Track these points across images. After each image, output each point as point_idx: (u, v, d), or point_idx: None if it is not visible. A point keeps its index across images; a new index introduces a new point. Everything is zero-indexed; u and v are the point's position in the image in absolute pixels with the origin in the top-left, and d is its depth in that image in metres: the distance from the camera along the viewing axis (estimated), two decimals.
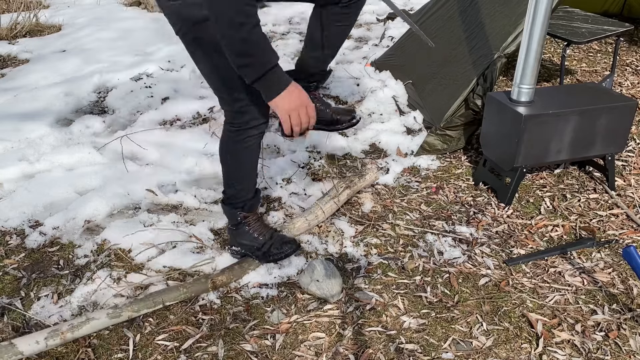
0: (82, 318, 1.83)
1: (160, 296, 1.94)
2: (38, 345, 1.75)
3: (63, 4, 5.99)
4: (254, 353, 1.79)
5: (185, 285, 1.99)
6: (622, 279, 2.08)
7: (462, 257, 2.20)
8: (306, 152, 2.91)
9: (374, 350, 1.79)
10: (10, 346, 1.72)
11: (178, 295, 1.97)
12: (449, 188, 2.66)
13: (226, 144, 1.96)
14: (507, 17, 2.91)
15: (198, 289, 2.00)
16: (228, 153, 1.98)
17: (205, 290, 2.01)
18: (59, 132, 3.09)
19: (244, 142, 1.91)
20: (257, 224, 2.11)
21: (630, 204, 2.51)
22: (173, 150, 2.89)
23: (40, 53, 4.38)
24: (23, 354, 1.73)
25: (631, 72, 3.88)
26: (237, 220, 2.08)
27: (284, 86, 1.60)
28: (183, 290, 1.97)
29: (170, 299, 1.96)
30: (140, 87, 3.66)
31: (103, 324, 1.85)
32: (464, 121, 2.86)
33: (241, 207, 2.06)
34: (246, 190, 2.05)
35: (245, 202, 2.05)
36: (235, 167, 2.01)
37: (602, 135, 2.46)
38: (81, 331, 1.81)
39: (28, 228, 2.36)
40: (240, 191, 2.04)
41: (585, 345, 1.80)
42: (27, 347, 1.74)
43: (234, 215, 2.08)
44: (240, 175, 2.02)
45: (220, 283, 2.02)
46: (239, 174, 2.02)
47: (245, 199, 2.05)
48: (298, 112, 1.63)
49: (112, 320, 1.86)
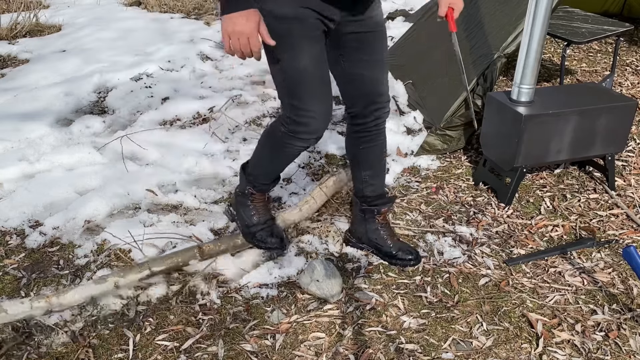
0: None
1: (147, 264, 1.99)
2: (22, 305, 1.81)
3: (63, 4, 6.00)
4: (254, 353, 1.79)
5: (175, 254, 2.04)
6: (622, 279, 2.08)
7: (462, 257, 2.20)
8: (306, 152, 2.91)
9: (374, 350, 1.79)
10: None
11: (167, 263, 2.02)
12: (449, 188, 2.66)
13: (272, 134, 1.96)
14: (507, 17, 2.91)
15: (186, 257, 2.06)
16: (267, 143, 2.01)
17: (193, 257, 2.06)
18: (59, 132, 3.09)
19: (287, 145, 1.91)
20: (260, 205, 2.16)
21: (630, 204, 2.51)
22: (173, 150, 2.89)
23: (40, 53, 4.38)
24: (7, 312, 1.79)
25: (631, 72, 3.88)
26: (245, 191, 2.15)
27: (234, 9, 1.58)
28: (172, 259, 2.03)
29: (158, 265, 2.01)
30: (140, 87, 3.66)
31: (89, 290, 1.90)
32: (464, 121, 2.86)
33: (253, 185, 2.12)
34: (265, 177, 2.11)
35: (259, 184, 2.12)
36: (265, 156, 2.05)
37: (602, 135, 2.46)
38: (67, 296, 1.86)
39: (28, 228, 2.36)
40: (259, 175, 2.10)
41: (585, 345, 1.80)
42: (12, 307, 1.81)
43: (244, 186, 2.15)
44: (266, 165, 2.07)
45: (208, 250, 2.07)
46: (265, 163, 2.07)
47: (260, 182, 2.12)
48: (238, 38, 1.60)
49: (97, 287, 1.91)
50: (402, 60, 3.51)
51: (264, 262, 2.16)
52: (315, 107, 1.80)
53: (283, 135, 1.89)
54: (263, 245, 2.15)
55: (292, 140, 1.88)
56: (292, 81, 1.77)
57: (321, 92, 1.81)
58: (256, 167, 2.09)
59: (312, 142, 1.89)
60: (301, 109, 1.80)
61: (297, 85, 1.77)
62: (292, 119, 1.83)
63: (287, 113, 1.84)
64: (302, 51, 1.73)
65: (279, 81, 1.81)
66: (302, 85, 1.77)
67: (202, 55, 4.20)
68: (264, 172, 2.09)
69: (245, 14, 1.59)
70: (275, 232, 2.18)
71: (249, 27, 1.60)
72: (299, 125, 1.83)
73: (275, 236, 2.16)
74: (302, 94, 1.78)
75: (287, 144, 1.91)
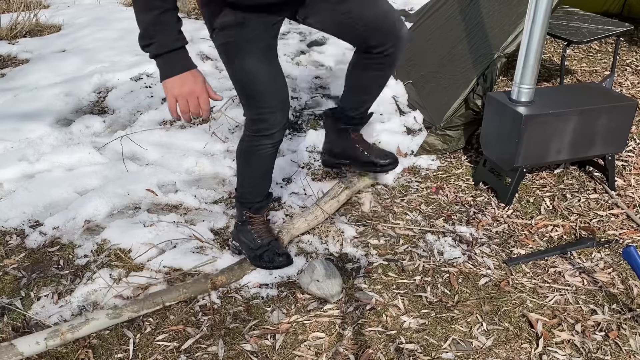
0: (81, 318, 1.83)
1: (159, 296, 1.94)
2: (38, 345, 1.75)
3: (63, 4, 5.99)
4: (254, 353, 1.79)
5: (185, 286, 1.99)
6: (622, 279, 2.08)
7: (462, 257, 2.20)
8: (306, 152, 2.91)
9: (374, 350, 1.79)
10: (10, 347, 1.72)
11: (178, 295, 1.97)
12: (449, 188, 2.66)
13: (241, 146, 2.02)
14: (507, 17, 2.91)
15: (197, 289, 2.00)
16: (242, 155, 2.04)
17: (205, 290, 2.01)
18: (59, 132, 3.09)
19: (257, 148, 1.96)
20: (260, 227, 2.15)
21: (630, 204, 2.51)
22: (173, 150, 2.89)
23: (40, 53, 4.37)
24: (23, 355, 1.74)
25: (631, 72, 3.88)
26: (242, 217, 2.14)
27: (177, 72, 1.60)
28: (183, 291, 1.98)
29: (170, 299, 1.96)
30: (140, 87, 3.66)
31: (103, 324, 1.85)
32: (464, 121, 2.86)
33: (248, 207, 2.11)
34: (255, 194, 2.11)
35: (252, 203, 2.11)
36: (245, 170, 2.07)
37: (602, 135, 2.46)
38: (81, 332, 1.81)
39: (28, 228, 2.36)
40: (249, 193, 2.10)
41: (585, 345, 1.80)
42: (27, 347, 1.74)
43: (241, 212, 2.14)
44: (250, 178, 2.08)
45: (220, 283, 2.03)
46: (248, 177, 2.09)
47: (252, 201, 2.11)
48: (186, 100, 1.62)
49: (112, 321, 1.86)
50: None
51: None
52: (271, 102, 1.86)
53: (249, 139, 1.96)
54: (271, 265, 2.13)
55: (258, 141, 1.94)
56: (246, 82, 1.84)
57: (275, 87, 1.87)
58: (243, 186, 2.11)
59: (277, 135, 1.94)
60: (258, 106, 1.86)
61: (250, 85, 1.83)
62: (252, 119, 1.90)
63: (248, 115, 1.91)
64: (248, 54, 1.78)
65: (236, 87, 1.88)
66: (254, 84, 1.83)
67: (202, 55, 4.20)
68: (252, 189, 2.10)
69: (189, 74, 1.62)
70: (280, 250, 2.17)
71: (198, 86, 1.64)
72: (260, 122, 1.89)
73: (281, 254, 2.15)
74: (255, 92, 1.84)
75: (256, 147, 1.96)
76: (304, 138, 3.01)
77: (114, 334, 1.86)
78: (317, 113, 3.34)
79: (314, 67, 3.93)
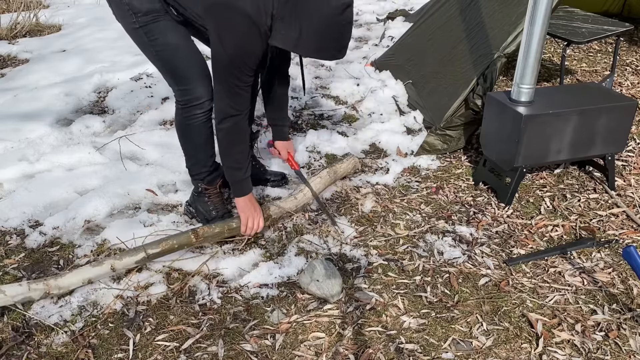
0: None
1: (142, 247, 2.04)
2: (21, 287, 1.87)
3: (63, 4, 5.99)
4: (254, 353, 1.79)
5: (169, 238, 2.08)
6: (622, 279, 2.08)
7: (462, 257, 2.20)
8: (306, 152, 2.91)
9: (374, 350, 1.79)
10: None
11: (161, 245, 2.05)
12: (449, 188, 2.66)
13: (176, 119, 2.18)
14: (507, 17, 2.91)
15: (181, 241, 2.09)
16: (179, 128, 2.20)
17: (189, 241, 2.10)
18: (59, 132, 3.09)
19: (190, 119, 2.11)
20: (216, 199, 2.32)
21: (630, 204, 2.51)
22: (173, 150, 2.89)
23: (40, 53, 4.38)
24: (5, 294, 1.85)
25: (631, 72, 3.88)
26: (198, 189, 2.30)
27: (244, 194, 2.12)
28: (167, 241, 2.06)
29: (153, 247, 2.05)
30: (140, 87, 3.66)
31: (86, 273, 1.95)
32: (464, 121, 2.86)
33: (201, 179, 2.27)
34: (201, 164, 2.25)
35: (202, 174, 2.26)
36: (185, 142, 2.22)
37: (602, 135, 2.46)
38: (64, 279, 1.91)
39: (28, 228, 2.36)
40: (195, 164, 2.25)
41: (585, 345, 1.80)
42: (10, 288, 1.87)
43: (196, 184, 2.30)
44: (191, 148, 2.22)
45: (202, 233, 2.11)
46: (189, 148, 2.23)
47: (201, 171, 2.25)
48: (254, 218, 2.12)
49: (94, 269, 1.95)
50: (402, 60, 3.51)
51: (264, 262, 2.16)
52: (196, 72, 2.04)
53: (182, 111, 2.11)
54: None
55: (189, 112, 2.09)
56: (168, 59, 2.01)
57: (196, 58, 2.05)
58: (189, 159, 2.25)
59: (206, 104, 2.09)
60: (185, 77, 2.03)
61: (173, 61, 2.01)
62: (180, 91, 2.06)
63: (176, 88, 2.07)
64: (168, 32, 1.98)
65: (160, 67, 2.05)
66: (179, 58, 2.01)
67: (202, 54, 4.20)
68: (197, 160, 2.24)
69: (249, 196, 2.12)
70: None
71: (259, 208, 2.16)
72: (187, 93, 2.05)
73: None
74: (180, 65, 2.02)
75: (189, 118, 2.11)
76: (304, 138, 3.01)
77: (114, 334, 1.86)
78: (317, 113, 3.34)
79: (314, 67, 3.93)
